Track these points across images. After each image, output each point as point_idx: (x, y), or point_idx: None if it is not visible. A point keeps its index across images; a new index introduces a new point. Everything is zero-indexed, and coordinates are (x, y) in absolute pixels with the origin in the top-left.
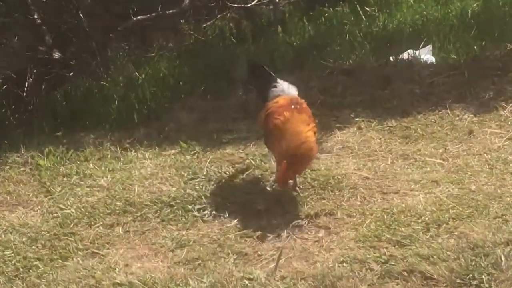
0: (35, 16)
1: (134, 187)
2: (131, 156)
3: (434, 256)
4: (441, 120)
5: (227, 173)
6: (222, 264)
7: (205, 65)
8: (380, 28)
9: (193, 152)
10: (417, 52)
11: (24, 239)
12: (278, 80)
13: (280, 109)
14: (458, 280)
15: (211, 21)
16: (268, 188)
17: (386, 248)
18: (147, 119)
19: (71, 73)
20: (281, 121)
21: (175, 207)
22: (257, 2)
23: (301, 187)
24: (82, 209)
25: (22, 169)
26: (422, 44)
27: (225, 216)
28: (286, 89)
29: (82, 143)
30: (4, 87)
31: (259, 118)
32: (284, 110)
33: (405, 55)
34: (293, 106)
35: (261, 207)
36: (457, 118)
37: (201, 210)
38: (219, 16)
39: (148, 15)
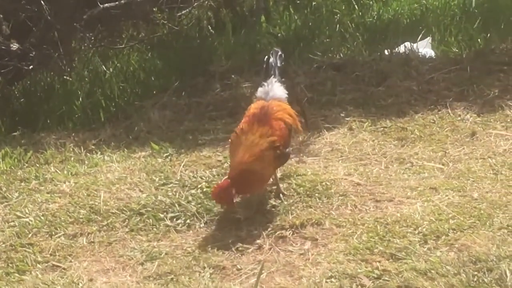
0: None
1: (100, 193)
2: (97, 158)
3: (432, 271)
4: (441, 121)
5: (203, 177)
6: (197, 279)
7: (180, 58)
8: (374, 19)
9: (165, 154)
10: (414, 45)
11: None
12: (271, 79)
13: (243, 120)
14: None
15: (187, 10)
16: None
17: (379, 262)
18: (115, 118)
19: (31, 66)
20: (234, 137)
21: (145, 216)
22: None
23: (285, 193)
24: (42, 218)
25: None
26: (420, 37)
27: (201, 225)
28: (269, 91)
29: (42, 144)
30: None
31: None
32: (244, 122)
33: (401, 48)
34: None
35: (241, 216)
36: (459, 118)
37: (174, 219)
38: (195, 4)
39: (117, 3)
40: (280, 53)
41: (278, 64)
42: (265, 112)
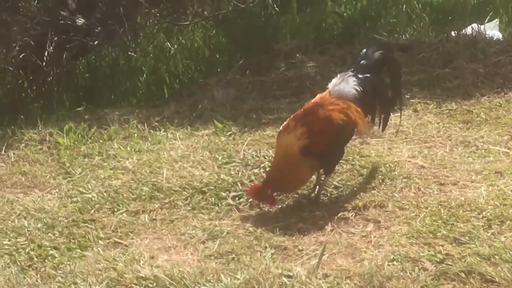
0: None
1: (163, 170)
2: (160, 136)
3: (496, 256)
4: (507, 104)
5: (266, 157)
6: (258, 259)
7: (245, 36)
8: None
9: (229, 133)
10: (482, 27)
11: (39, 225)
12: (347, 72)
13: (295, 114)
14: None
15: None
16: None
17: (442, 245)
18: (179, 95)
19: (96, 42)
20: (279, 133)
21: (208, 194)
22: None
23: (320, 202)
24: (105, 194)
25: (39, 147)
26: (488, 18)
27: (263, 205)
28: (336, 84)
29: (106, 120)
30: (21, 56)
31: None
32: (292, 118)
33: (468, 30)
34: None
35: (303, 198)
36: None
37: (237, 198)
38: None
39: None
40: (377, 53)
41: (364, 62)
42: (315, 110)
